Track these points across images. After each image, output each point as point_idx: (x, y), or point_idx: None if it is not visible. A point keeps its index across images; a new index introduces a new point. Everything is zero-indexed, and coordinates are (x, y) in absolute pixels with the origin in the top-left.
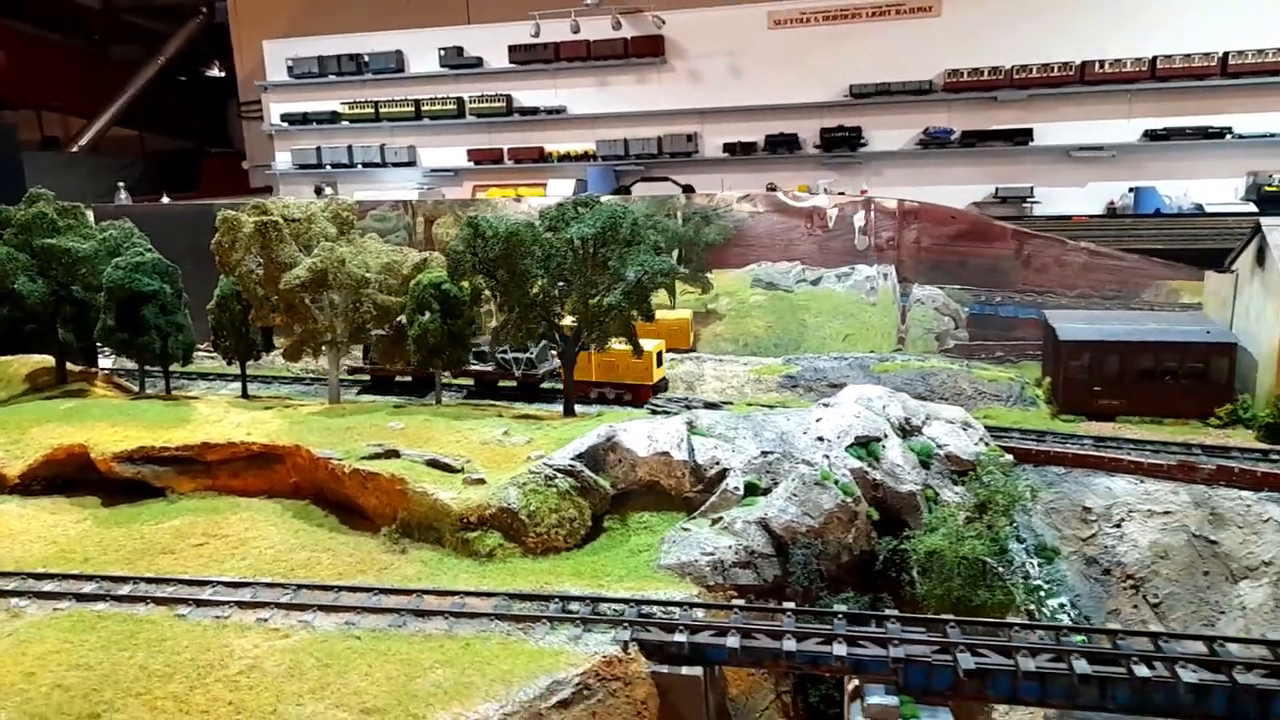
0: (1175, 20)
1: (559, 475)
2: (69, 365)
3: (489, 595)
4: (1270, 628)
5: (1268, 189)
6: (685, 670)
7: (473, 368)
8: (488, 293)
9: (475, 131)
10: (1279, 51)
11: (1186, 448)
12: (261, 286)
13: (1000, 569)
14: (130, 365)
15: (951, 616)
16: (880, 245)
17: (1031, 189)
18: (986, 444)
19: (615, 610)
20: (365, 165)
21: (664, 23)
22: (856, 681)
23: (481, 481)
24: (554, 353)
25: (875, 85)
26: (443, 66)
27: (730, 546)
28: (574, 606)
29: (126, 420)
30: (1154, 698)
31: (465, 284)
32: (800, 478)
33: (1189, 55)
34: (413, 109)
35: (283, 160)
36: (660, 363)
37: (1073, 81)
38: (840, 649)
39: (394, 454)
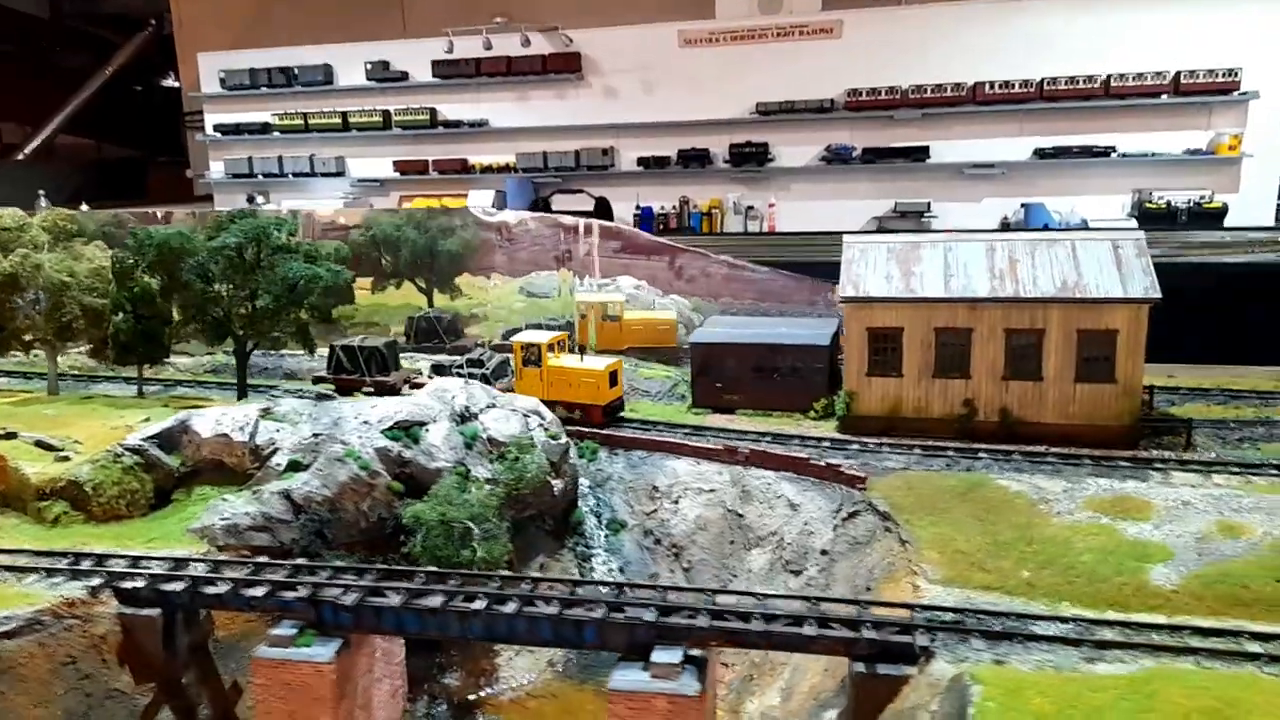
0: (1062, 44)
1: (126, 454)
2: None
3: (15, 552)
4: (764, 586)
5: (1149, 205)
6: (145, 611)
7: (423, 382)
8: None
9: (401, 143)
10: (1157, 75)
11: (742, 434)
12: None
13: (477, 530)
14: None
15: (381, 566)
16: (559, 257)
17: (929, 204)
18: (547, 430)
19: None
20: (295, 175)
21: (571, 40)
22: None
23: (67, 459)
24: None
25: (780, 103)
26: (369, 80)
27: (248, 513)
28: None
29: None
30: (498, 629)
31: (137, 287)
32: (327, 455)
33: (1074, 78)
34: (340, 121)
35: (218, 170)
36: (614, 382)
37: (965, 101)
38: (258, 591)
39: (12, 435)
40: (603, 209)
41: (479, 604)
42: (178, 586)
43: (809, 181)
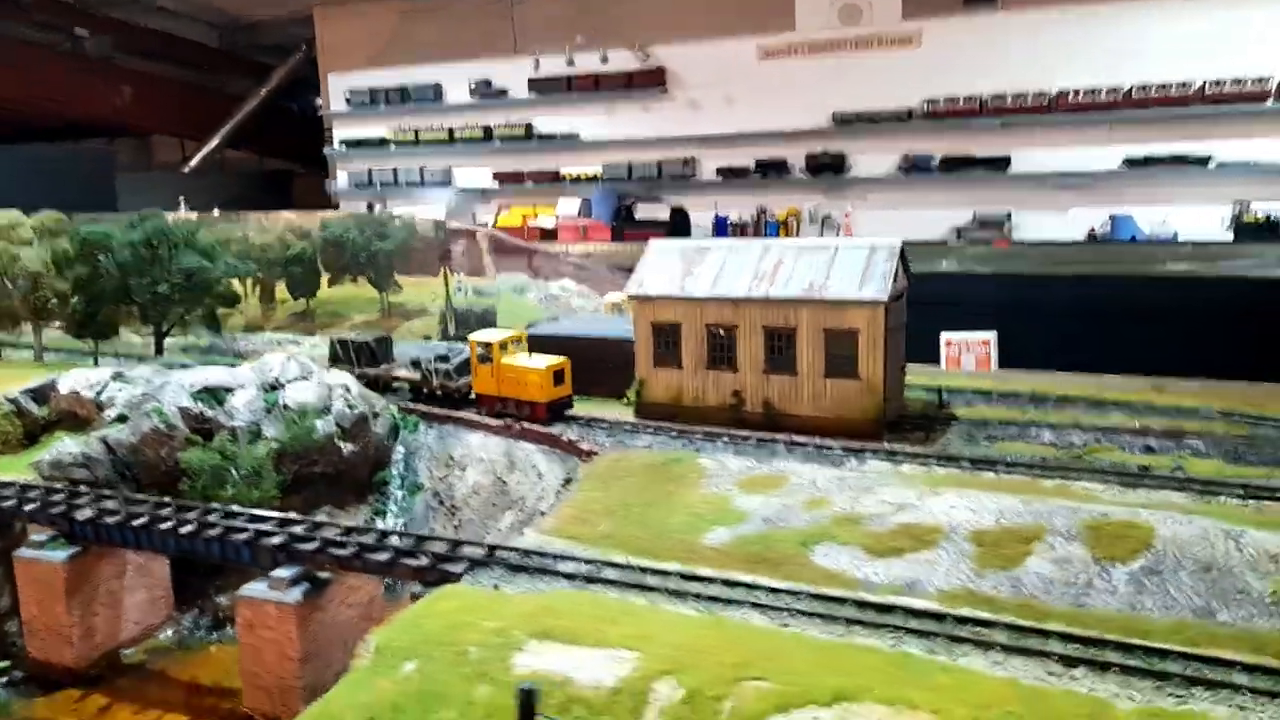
0: (1152, 49)
1: (5, 403)
2: None
3: None
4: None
5: (1246, 219)
6: None
7: (400, 374)
8: None
9: (500, 155)
10: (1258, 81)
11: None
12: None
13: (234, 474)
14: None
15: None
16: (441, 255)
17: (1009, 214)
18: (348, 401)
19: None
20: (408, 184)
21: (647, 57)
22: None
23: None
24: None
25: (857, 113)
26: (473, 97)
27: (72, 453)
28: None
29: None
30: (185, 545)
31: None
32: (140, 410)
33: (1166, 84)
34: (447, 135)
35: (343, 180)
36: (560, 381)
37: (1048, 110)
38: (32, 507)
39: None
40: (679, 218)
41: (171, 525)
42: None
43: (886, 191)
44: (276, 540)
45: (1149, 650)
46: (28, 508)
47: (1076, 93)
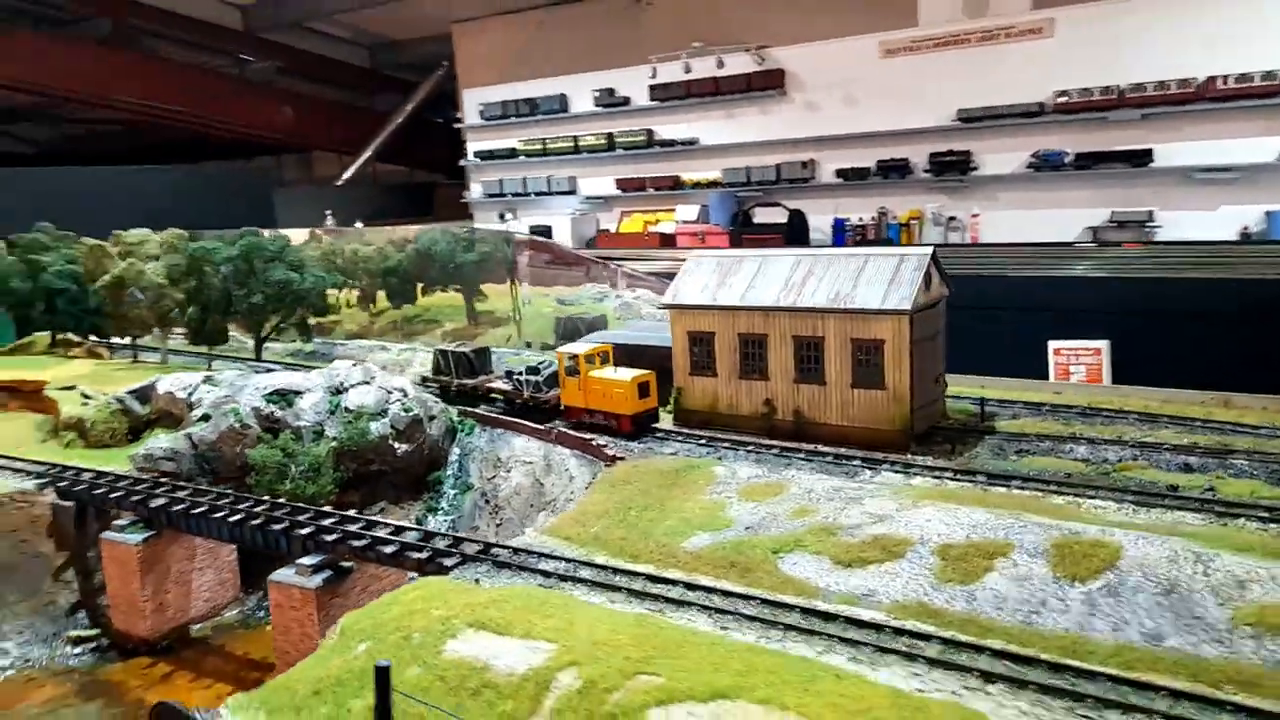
0: None
1: (114, 403)
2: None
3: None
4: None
5: None
6: (65, 502)
7: (494, 385)
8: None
9: (622, 163)
10: None
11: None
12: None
13: (294, 470)
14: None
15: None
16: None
17: (1151, 213)
18: (404, 405)
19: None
20: (536, 194)
21: (763, 60)
22: None
23: (88, 398)
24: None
25: (984, 109)
26: (597, 106)
27: (162, 448)
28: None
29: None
30: (235, 534)
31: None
32: (221, 410)
33: None
34: (573, 144)
35: (477, 190)
36: (645, 394)
37: (1194, 99)
38: (118, 495)
39: (72, 388)
40: (797, 221)
41: (223, 515)
42: (85, 489)
43: (1016, 190)
44: (305, 531)
45: (1076, 671)
46: (114, 495)
47: (1226, 79)
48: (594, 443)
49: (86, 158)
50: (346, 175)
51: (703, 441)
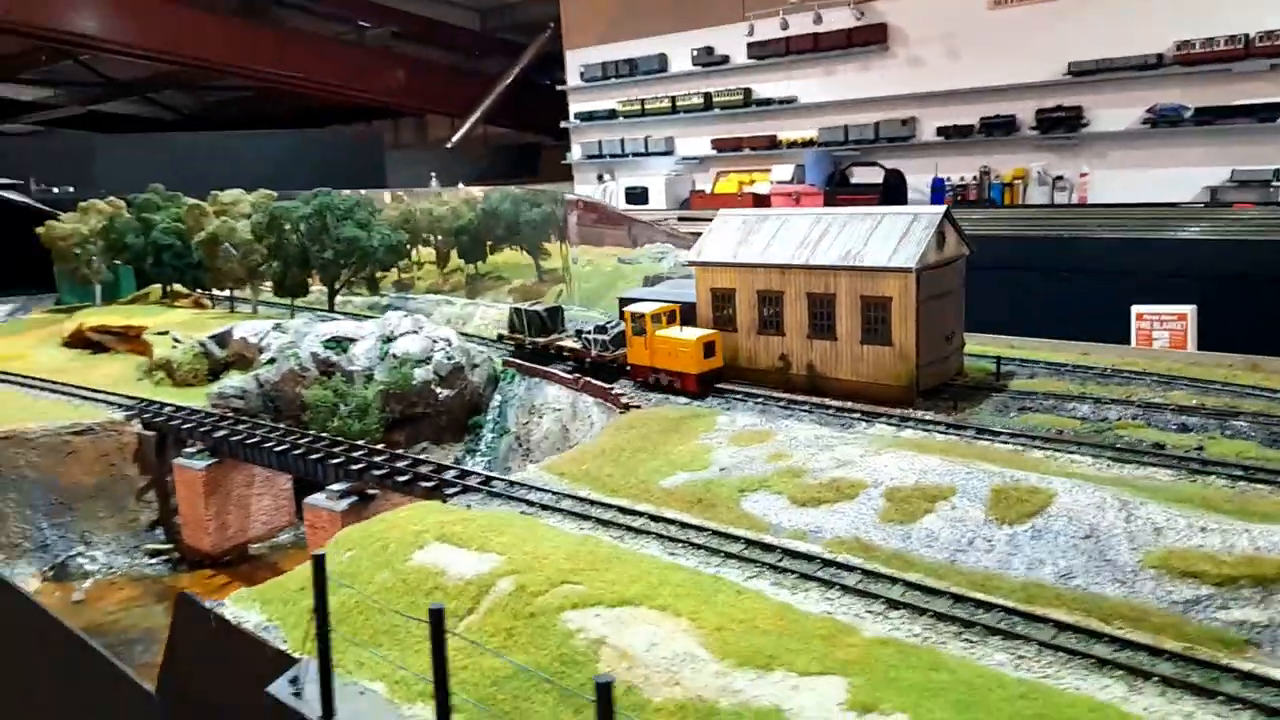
0: None
1: (197, 346)
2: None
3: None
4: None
5: None
6: (148, 431)
7: (564, 343)
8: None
9: (719, 122)
10: None
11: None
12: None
13: (343, 408)
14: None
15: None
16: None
17: (1277, 171)
18: (447, 353)
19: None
20: (633, 155)
21: (863, 14)
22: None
23: (178, 342)
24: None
25: (1097, 61)
26: (695, 65)
27: (233, 387)
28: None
29: (131, 315)
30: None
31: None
32: (285, 354)
33: None
34: (670, 104)
35: (577, 152)
36: (710, 353)
37: None
38: (189, 426)
39: (165, 333)
40: (894, 181)
41: (271, 445)
42: (164, 420)
43: (1129, 148)
44: (336, 462)
45: (977, 602)
46: (186, 426)
47: None
48: (612, 391)
49: (223, 123)
50: (456, 138)
51: (716, 393)
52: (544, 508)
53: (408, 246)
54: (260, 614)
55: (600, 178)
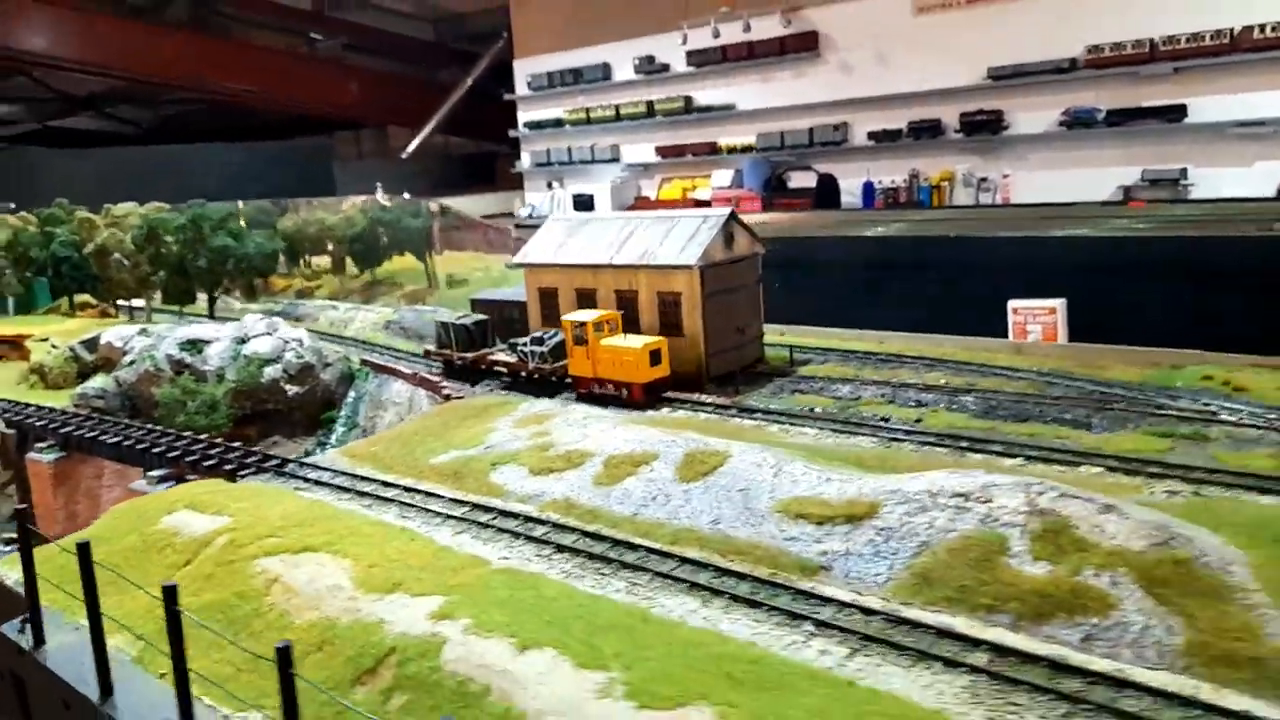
0: None
1: (68, 350)
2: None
3: None
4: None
5: None
6: (7, 430)
7: (498, 358)
8: None
9: (662, 129)
10: None
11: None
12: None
13: (190, 405)
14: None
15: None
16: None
17: (1184, 170)
18: (297, 353)
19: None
20: (580, 162)
21: (790, 21)
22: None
23: (54, 348)
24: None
25: (1014, 66)
26: (637, 74)
27: (94, 388)
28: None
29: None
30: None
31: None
32: (142, 356)
33: None
34: (614, 113)
35: (526, 160)
36: (656, 361)
37: (1229, 50)
38: (43, 425)
39: (46, 339)
40: (827, 185)
41: (105, 439)
42: (22, 420)
43: (1048, 150)
44: (157, 451)
45: (630, 545)
46: (40, 424)
47: (1262, 28)
48: (439, 385)
49: (180, 137)
50: (411, 148)
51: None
52: (318, 484)
53: (308, 254)
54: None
55: (550, 185)
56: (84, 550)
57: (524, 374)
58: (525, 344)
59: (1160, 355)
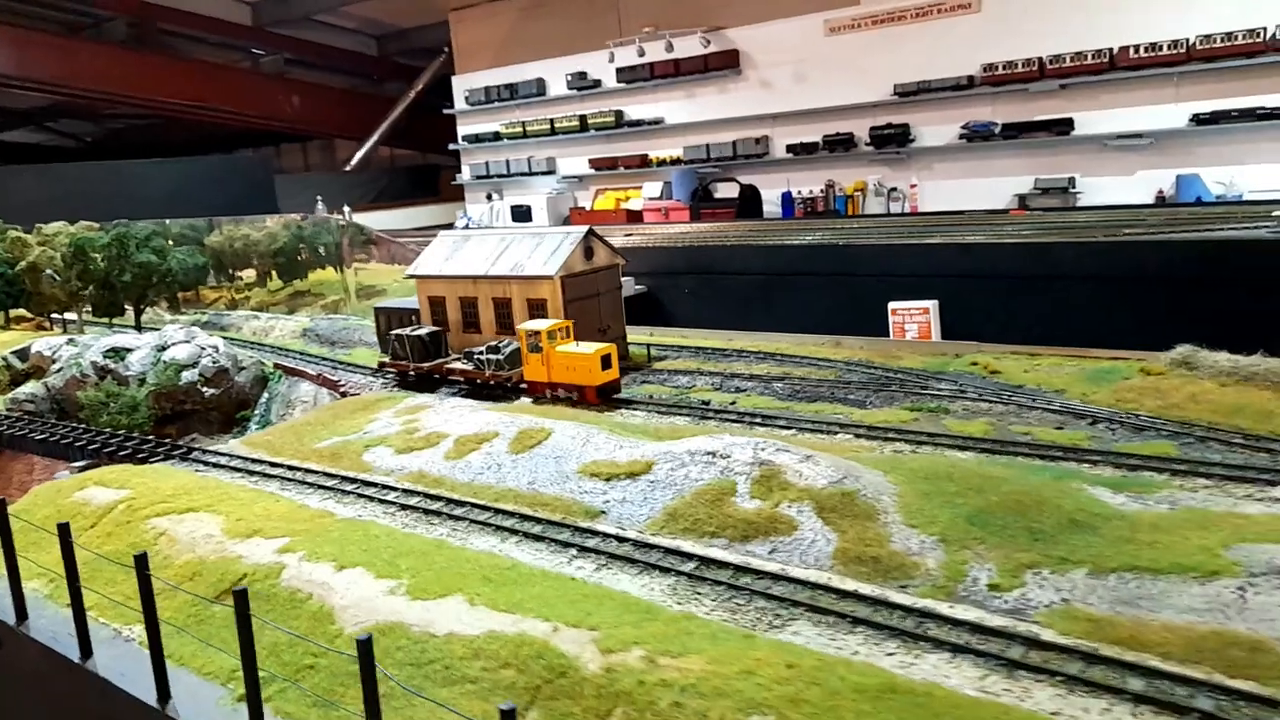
0: None
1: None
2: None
3: None
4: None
5: None
6: None
7: (455, 367)
8: None
9: (595, 143)
10: None
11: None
12: None
13: (112, 406)
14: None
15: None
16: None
17: (1072, 179)
18: (214, 359)
19: None
20: (518, 175)
21: (709, 41)
22: None
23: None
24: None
25: (918, 83)
26: (570, 89)
27: (25, 393)
28: None
29: None
30: (45, 449)
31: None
32: (69, 364)
33: (1232, 34)
34: (549, 126)
35: (466, 172)
36: (608, 365)
37: (1108, 68)
38: None
39: None
40: (749, 195)
41: (32, 436)
42: None
43: (950, 161)
44: (79, 445)
45: (459, 502)
46: None
47: (1138, 48)
48: (339, 384)
49: (126, 151)
50: (355, 160)
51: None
52: (216, 466)
53: (233, 268)
54: None
55: (489, 197)
56: (0, 506)
57: (479, 381)
58: (482, 353)
59: (948, 346)
